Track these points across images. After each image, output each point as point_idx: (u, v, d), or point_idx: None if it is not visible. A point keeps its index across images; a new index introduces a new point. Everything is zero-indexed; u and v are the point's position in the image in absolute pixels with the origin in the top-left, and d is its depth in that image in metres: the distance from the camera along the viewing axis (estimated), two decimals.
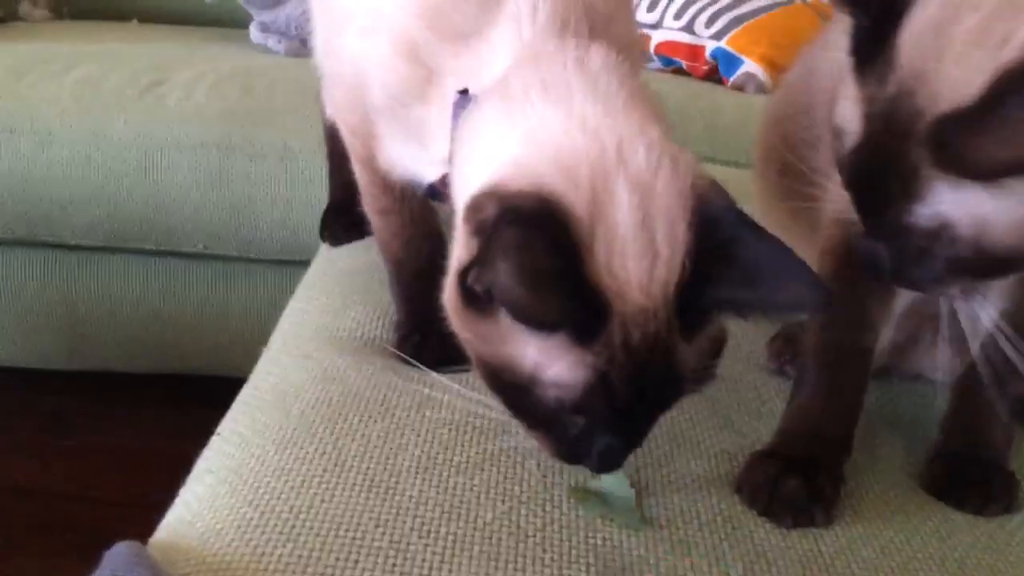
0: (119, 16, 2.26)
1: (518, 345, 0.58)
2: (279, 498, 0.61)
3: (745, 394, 0.81)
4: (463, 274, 0.60)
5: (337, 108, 0.90)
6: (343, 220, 1.13)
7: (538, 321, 0.56)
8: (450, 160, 0.69)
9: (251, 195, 1.48)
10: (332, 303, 0.93)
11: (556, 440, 0.61)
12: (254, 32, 1.98)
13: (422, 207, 0.89)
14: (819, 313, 0.58)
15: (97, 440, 1.61)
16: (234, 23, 2.15)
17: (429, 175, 0.80)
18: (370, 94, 0.78)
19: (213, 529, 0.59)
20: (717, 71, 1.98)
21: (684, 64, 2.03)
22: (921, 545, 0.65)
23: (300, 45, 1.93)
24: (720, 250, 0.57)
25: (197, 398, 1.04)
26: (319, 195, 1.47)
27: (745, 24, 1.97)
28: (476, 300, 0.59)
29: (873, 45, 0.59)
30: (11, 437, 1.59)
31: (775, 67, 1.87)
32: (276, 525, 0.59)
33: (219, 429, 0.72)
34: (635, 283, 0.56)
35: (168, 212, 1.49)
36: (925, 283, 0.62)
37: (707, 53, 1.99)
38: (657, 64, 2.06)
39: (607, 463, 0.61)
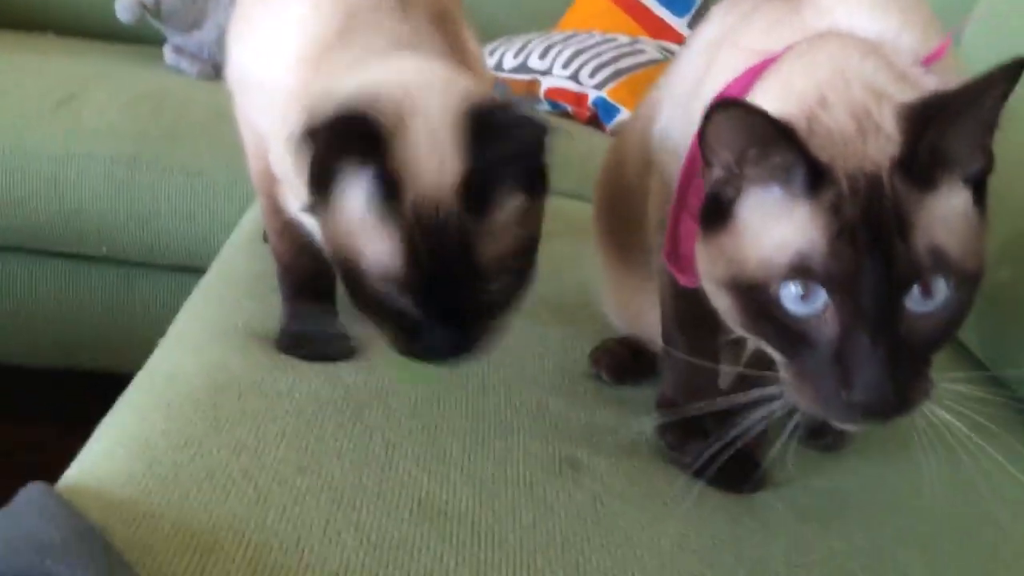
0: (34, 27, 2.31)
1: (349, 231, 0.76)
2: (164, 453, 0.75)
3: (563, 390, 0.99)
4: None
5: (246, 145, 1.04)
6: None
7: (335, 156, 0.74)
8: None
9: (156, 208, 1.61)
10: (226, 303, 1.07)
11: (398, 332, 0.78)
12: (168, 54, 2.09)
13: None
14: (547, 132, 0.77)
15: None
16: (148, 40, 2.22)
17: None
18: (269, 158, 0.93)
19: (108, 477, 0.73)
20: (598, 117, 2.20)
21: (571, 109, 2.24)
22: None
23: (211, 69, 2.06)
24: (486, 137, 0.76)
25: (99, 395, 1.13)
26: (221, 209, 1.61)
27: (624, 77, 2.19)
28: (320, 201, 0.77)
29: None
30: None
31: None
32: (161, 474, 0.73)
33: (117, 403, 0.86)
34: (426, 176, 0.75)
35: (75, 219, 1.59)
36: (924, 388, 0.68)
37: (590, 101, 2.20)
38: (547, 107, 2.27)
39: (439, 352, 0.78)
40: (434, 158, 0.76)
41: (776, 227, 0.68)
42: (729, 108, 0.67)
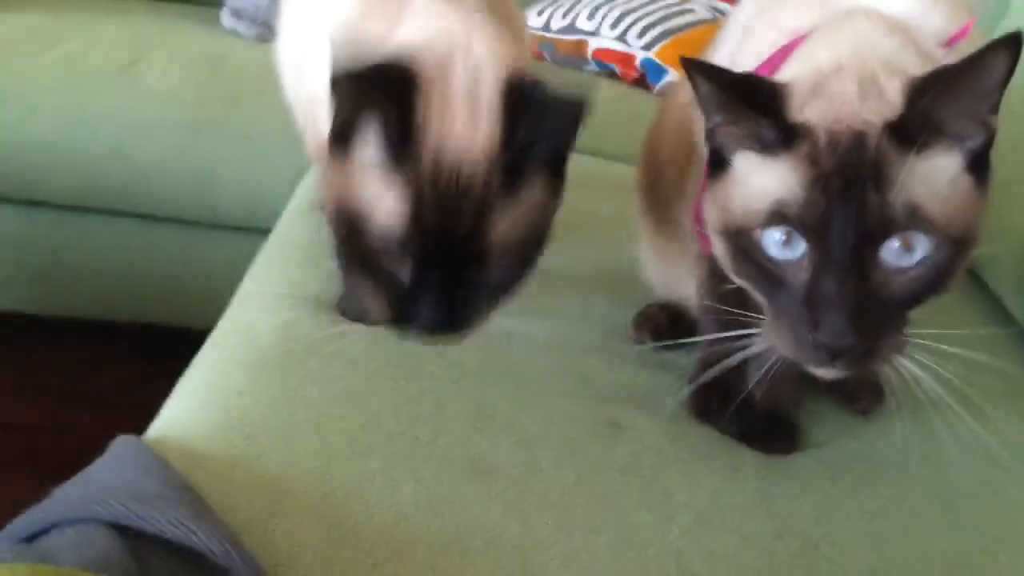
0: None
1: (361, 183, 0.74)
2: (241, 409, 0.83)
3: (606, 354, 1.04)
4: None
5: (303, 125, 1.07)
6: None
7: (356, 98, 0.72)
8: None
9: (216, 171, 1.67)
10: (288, 268, 1.13)
11: (387, 297, 0.75)
12: (226, 17, 2.14)
13: None
14: (585, 111, 0.74)
15: (74, 382, 1.78)
16: (205, 1, 2.28)
17: None
18: (319, 128, 0.97)
19: (191, 430, 0.80)
20: (645, 79, 2.21)
21: (617, 69, 2.25)
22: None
23: (268, 31, 2.10)
24: (527, 112, 0.74)
25: (161, 348, 1.20)
26: (280, 171, 1.67)
27: (673, 38, 2.19)
28: (341, 149, 0.75)
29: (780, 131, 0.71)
30: None
31: None
32: (238, 428, 0.81)
33: (194, 361, 0.93)
34: (456, 137, 0.72)
35: (140, 182, 1.67)
36: (895, 340, 0.71)
37: (637, 62, 2.21)
38: (593, 67, 2.28)
39: (424, 322, 0.73)
40: (469, 121, 0.72)
41: (760, 177, 0.73)
42: (694, 75, 0.71)
